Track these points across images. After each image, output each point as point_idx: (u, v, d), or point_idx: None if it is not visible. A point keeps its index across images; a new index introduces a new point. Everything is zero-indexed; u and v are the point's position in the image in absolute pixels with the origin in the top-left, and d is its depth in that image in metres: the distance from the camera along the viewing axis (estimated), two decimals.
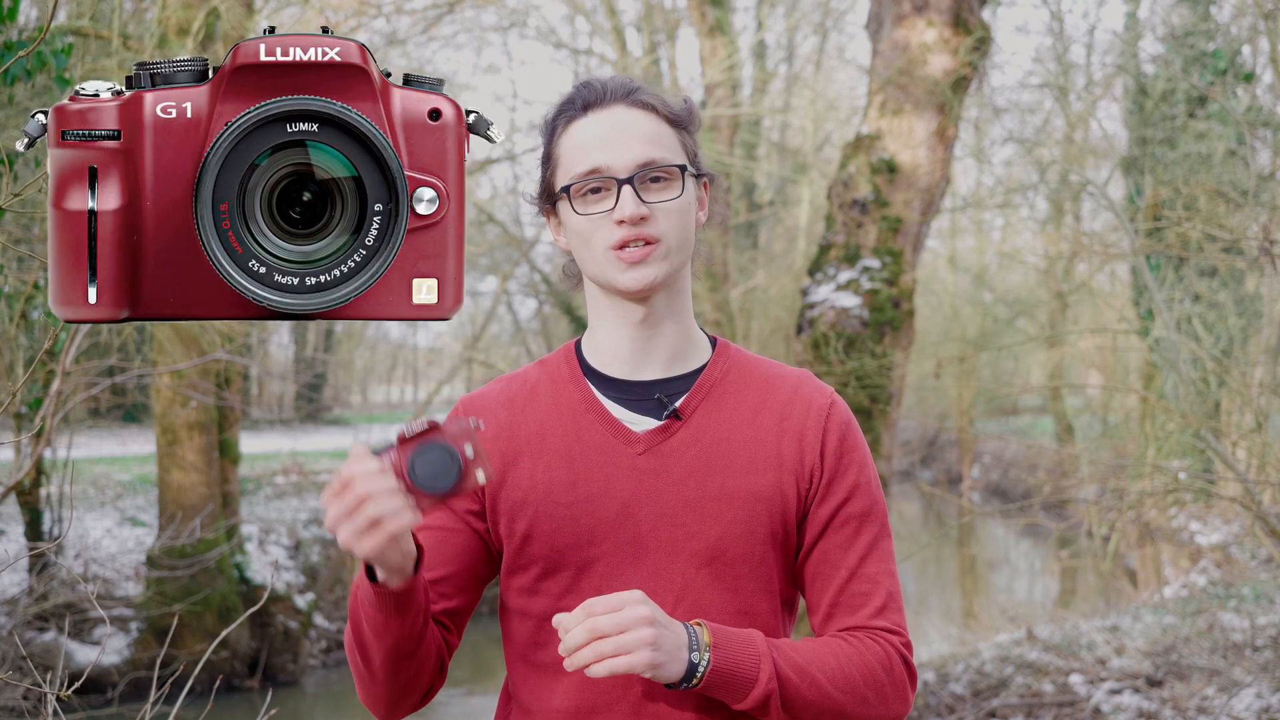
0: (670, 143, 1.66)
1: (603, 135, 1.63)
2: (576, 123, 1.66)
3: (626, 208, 1.60)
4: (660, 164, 1.63)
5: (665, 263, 1.63)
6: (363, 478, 1.40)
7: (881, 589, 1.68)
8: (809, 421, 1.70)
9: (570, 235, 1.67)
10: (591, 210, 1.63)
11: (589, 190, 1.63)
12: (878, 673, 1.62)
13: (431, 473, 1.42)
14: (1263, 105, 9.78)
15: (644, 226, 1.61)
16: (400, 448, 1.43)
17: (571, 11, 16.88)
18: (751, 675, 1.54)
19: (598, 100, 1.65)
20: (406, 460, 1.42)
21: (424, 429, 1.43)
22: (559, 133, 1.67)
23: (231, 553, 10.88)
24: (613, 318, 1.69)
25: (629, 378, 1.70)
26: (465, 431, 1.44)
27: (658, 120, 1.66)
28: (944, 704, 7.88)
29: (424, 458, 1.42)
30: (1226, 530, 12.29)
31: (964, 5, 7.11)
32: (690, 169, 1.67)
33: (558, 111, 1.68)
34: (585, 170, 1.62)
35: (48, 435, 3.29)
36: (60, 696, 2.27)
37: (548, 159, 1.69)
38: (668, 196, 1.63)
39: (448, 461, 1.42)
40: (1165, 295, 8.08)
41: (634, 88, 1.67)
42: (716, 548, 1.64)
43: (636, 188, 1.61)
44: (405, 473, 1.42)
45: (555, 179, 1.67)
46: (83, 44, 7.34)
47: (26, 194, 2.26)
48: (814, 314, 7.02)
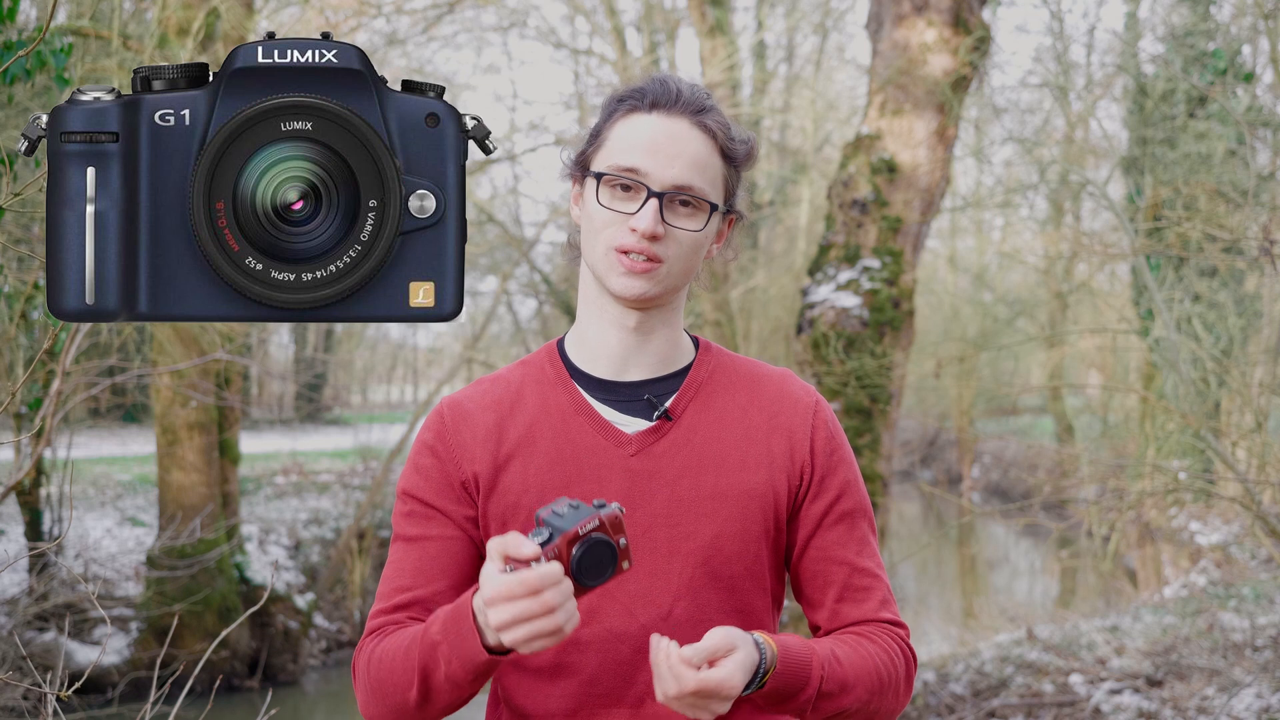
0: (714, 175, 1.64)
1: (655, 141, 1.62)
2: (637, 115, 1.64)
3: (645, 220, 1.60)
4: (695, 192, 1.62)
5: (661, 284, 1.64)
6: (554, 590, 1.38)
7: (880, 583, 1.72)
8: (796, 419, 1.71)
9: (585, 216, 1.67)
10: (614, 206, 1.62)
11: (620, 185, 1.63)
12: (896, 670, 1.66)
13: (595, 569, 1.42)
14: (1263, 105, 9.78)
15: (654, 244, 1.61)
16: (567, 544, 1.41)
17: (571, 11, 16.88)
18: (801, 685, 1.57)
19: (667, 104, 1.64)
20: (572, 556, 1.41)
21: (594, 527, 1.41)
22: (617, 116, 1.66)
23: (231, 553, 10.88)
24: (605, 318, 1.69)
25: (615, 378, 1.70)
26: (618, 521, 1.43)
27: (712, 149, 1.64)
28: (944, 704, 7.88)
29: (590, 554, 1.41)
30: (1226, 530, 12.29)
31: (964, 5, 7.11)
32: (721, 207, 1.66)
33: (625, 96, 1.67)
34: (625, 166, 1.62)
35: (48, 435, 3.29)
36: (60, 696, 2.27)
37: (597, 135, 1.68)
38: (689, 226, 1.63)
39: (609, 556, 1.42)
40: (1165, 295, 8.08)
41: (706, 107, 1.65)
42: (712, 546, 1.65)
43: (663, 205, 1.61)
44: (570, 570, 1.41)
45: (595, 158, 1.66)
46: (83, 44, 7.34)
47: (26, 194, 2.27)
48: (814, 314, 7.02)
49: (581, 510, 1.42)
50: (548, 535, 1.41)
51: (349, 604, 12.61)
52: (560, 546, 1.40)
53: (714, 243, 1.71)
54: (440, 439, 1.70)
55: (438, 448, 1.70)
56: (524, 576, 1.37)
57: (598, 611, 1.63)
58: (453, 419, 1.71)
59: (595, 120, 1.70)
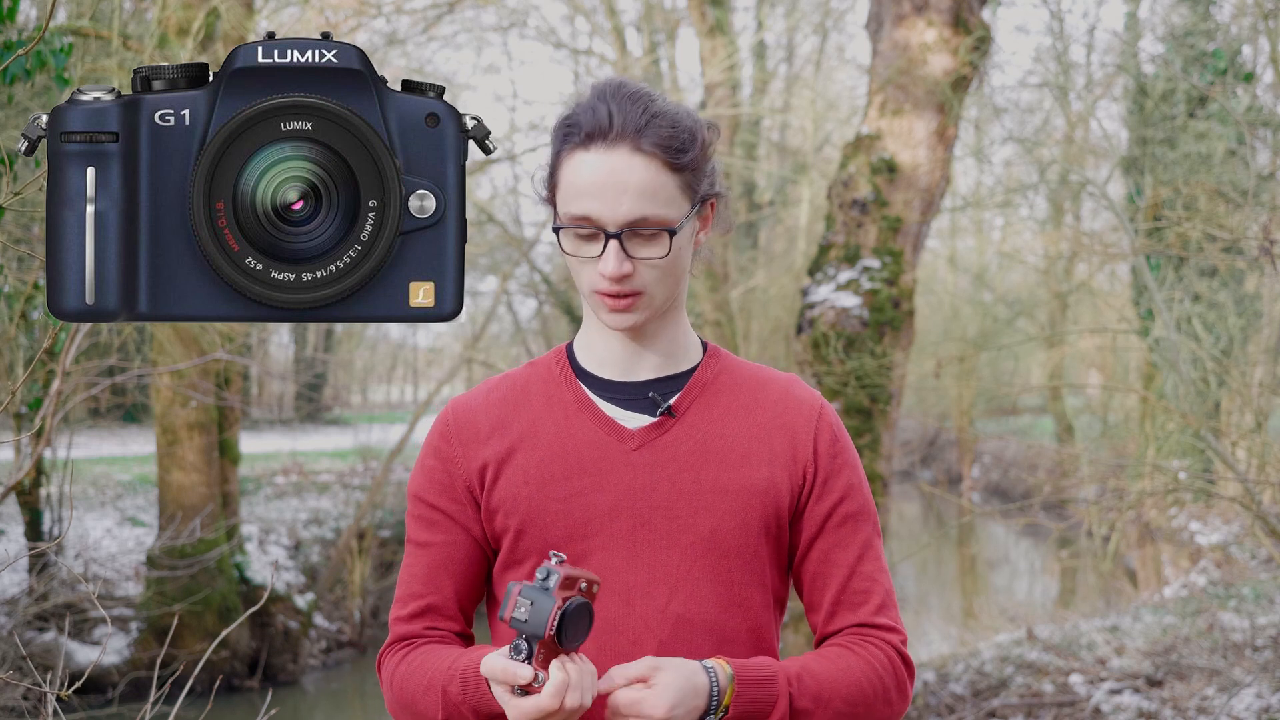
0: (667, 194, 1.61)
1: (598, 183, 1.59)
2: (577, 156, 1.61)
3: (609, 265, 1.59)
4: (651, 221, 1.60)
5: (647, 310, 1.65)
6: (572, 693, 1.44)
7: (880, 586, 1.72)
8: (800, 420, 1.72)
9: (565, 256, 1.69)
10: (580, 253, 1.63)
11: (577, 235, 1.63)
12: (884, 679, 1.66)
13: (577, 632, 1.45)
14: (1263, 105, 9.78)
15: (626, 282, 1.61)
16: (548, 645, 1.45)
17: (571, 11, 16.89)
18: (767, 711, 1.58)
19: (603, 134, 1.60)
20: (559, 643, 1.45)
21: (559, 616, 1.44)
22: (564, 155, 1.64)
23: (231, 553, 10.88)
24: (605, 327, 1.71)
25: (622, 379, 1.72)
26: (571, 580, 1.46)
27: (659, 169, 1.60)
28: (944, 704, 7.88)
29: (570, 627, 1.44)
30: (1226, 530, 12.30)
31: (964, 5, 7.11)
32: (681, 222, 1.63)
33: (564, 131, 1.64)
34: (577, 215, 1.61)
35: (48, 435, 3.29)
36: (60, 696, 2.27)
37: (553, 172, 1.67)
38: (655, 255, 1.61)
39: (584, 611, 1.46)
40: (1165, 295, 8.08)
41: (643, 125, 1.59)
42: (711, 540, 1.66)
43: (624, 244, 1.60)
44: (562, 650, 1.46)
45: (555, 199, 1.66)
46: (83, 44, 7.34)
47: (26, 194, 2.27)
48: (814, 314, 7.02)
49: (538, 602, 1.44)
50: (527, 648, 1.44)
51: (349, 604, 12.61)
52: (545, 650, 1.44)
53: (700, 230, 1.70)
54: (445, 440, 1.73)
55: (442, 448, 1.73)
56: (540, 705, 1.43)
57: (595, 603, 1.64)
58: (457, 420, 1.74)
59: (552, 145, 1.68)
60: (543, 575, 1.44)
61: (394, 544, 14.14)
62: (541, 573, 1.45)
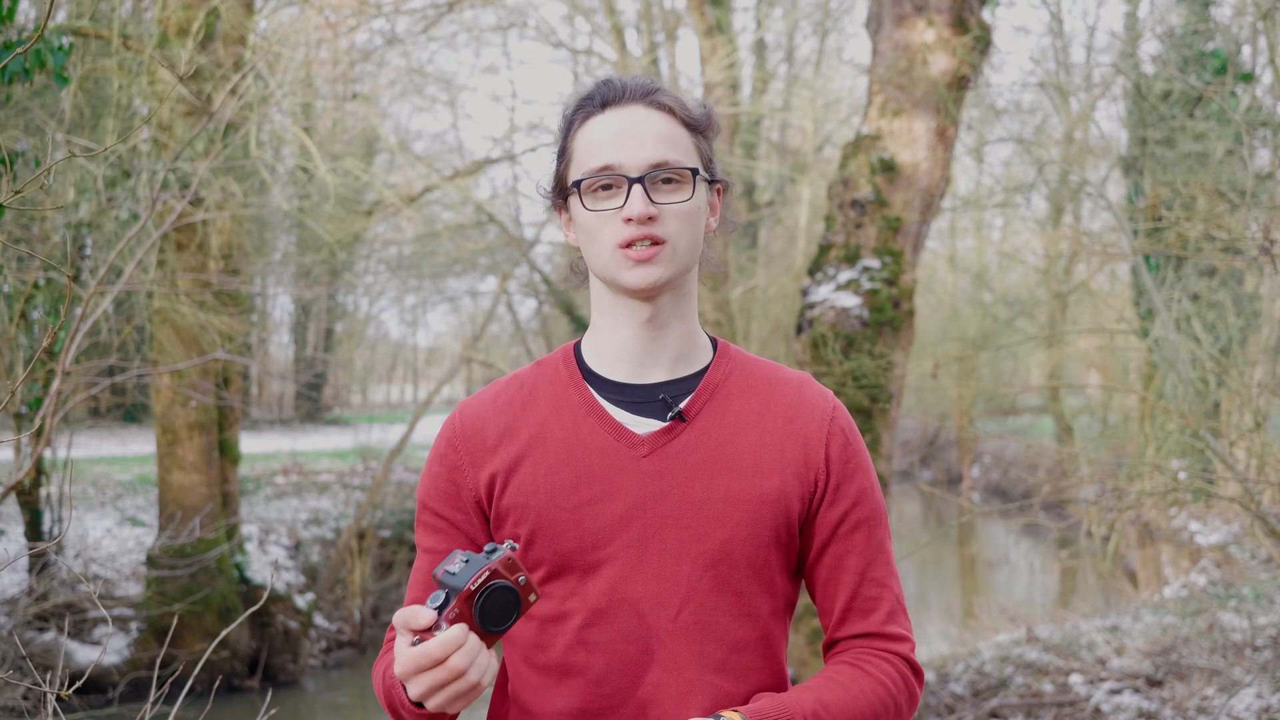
0: (685, 146, 1.65)
1: (617, 133, 1.63)
2: (593, 119, 1.66)
3: (635, 206, 1.60)
4: (672, 165, 1.62)
5: (671, 264, 1.63)
6: (459, 654, 1.42)
7: (890, 593, 1.71)
8: (812, 425, 1.70)
9: (579, 231, 1.67)
10: (601, 206, 1.63)
11: (600, 186, 1.63)
12: (896, 696, 1.66)
13: (499, 614, 1.45)
14: (1262, 105, 9.78)
15: (652, 226, 1.61)
16: (464, 601, 1.44)
17: (571, 11, 16.88)
18: None
19: (616, 98, 1.65)
20: (474, 610, 1.44)
21: (485, 578, 1.44)
22: (575, 128, 1.67)
23: (231, 553, 10.87)
24: (619, 317, 1.69)
25: (632, 380, 1.70)
26: (512, 562, 1.46)
27: (674, 123, 1.65)
28: (944, 704, 7.88)
29: (490, 602, 1.44)
30: (1226, 530, 12.31)
31: (964, 5, 7.11)
32: (703, 174, 1.67)
33: (576, 107, 1.68)
34: (598, 166, 1.62)
35: (48, 435, 3.29)
36: (60, 696, 2.27)
37: (563, 153, 1.69)
38: (678, 199, 1.63)
39: (511, 599, 1.46)
40: (1165, 295, 8.08)
41: (654, 88, 1.66)
42: (722, 550, 1.64)
43: (647, 187, 1.61)
44: (476, 623, 1.45)
45: (568, 173, 1.67)
46: (83, 44, 7.34)
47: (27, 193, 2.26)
48: (814, 314, 7.02)
49: (474, 563, 1.45)
50: (444, 598, 1.44)
51: (349, 604, 12.61)
52: (459, 606, 1.43)
53: (709, 215, 1.71)
54: (452, 448, 1.72)
55: (449, 456, 1.71)
56: (427, 649, 1.41)
57: (606, 613, 1.63)
58: (464, 427, 1.72)
59: (558, 142, 1.71)
60: (489, 549, 1.47)
61: (394, 544, 14.15)
62: (489, 547, 1.47)
